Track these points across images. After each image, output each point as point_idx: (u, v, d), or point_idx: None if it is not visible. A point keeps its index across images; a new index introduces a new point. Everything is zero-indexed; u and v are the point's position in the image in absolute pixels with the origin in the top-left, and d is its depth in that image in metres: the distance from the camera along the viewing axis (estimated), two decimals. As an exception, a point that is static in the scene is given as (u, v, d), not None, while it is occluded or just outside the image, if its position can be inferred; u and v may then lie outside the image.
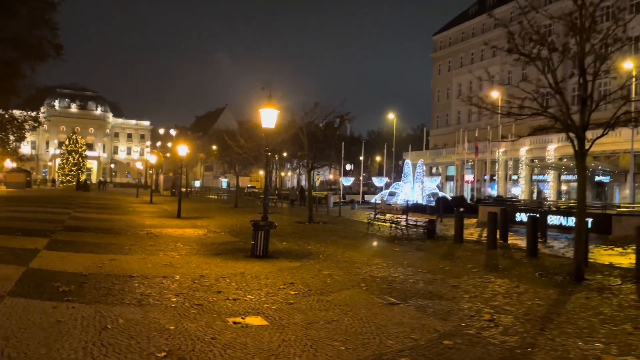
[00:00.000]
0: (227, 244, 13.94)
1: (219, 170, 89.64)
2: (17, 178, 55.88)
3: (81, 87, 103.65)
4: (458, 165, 55.32)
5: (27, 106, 45.10)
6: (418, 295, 8.00)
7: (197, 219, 22.54)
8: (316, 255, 12.18)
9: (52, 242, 12.43)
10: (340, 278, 9.22)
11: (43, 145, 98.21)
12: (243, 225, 19.82)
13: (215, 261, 10.64)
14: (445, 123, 69.28)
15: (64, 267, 9.02)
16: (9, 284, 7.30)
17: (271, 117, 12.34)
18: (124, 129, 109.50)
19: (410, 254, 12.95)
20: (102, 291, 7.27)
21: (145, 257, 10.75)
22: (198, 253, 11.87)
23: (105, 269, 9.09)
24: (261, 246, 11.55)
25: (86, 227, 16.51)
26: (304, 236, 16.42)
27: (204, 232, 16.98)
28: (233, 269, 9.68)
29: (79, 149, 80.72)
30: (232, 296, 7.35)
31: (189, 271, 9.32)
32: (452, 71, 67.82)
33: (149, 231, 16.34)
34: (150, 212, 26.05)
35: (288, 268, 10.10)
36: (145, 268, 9.44)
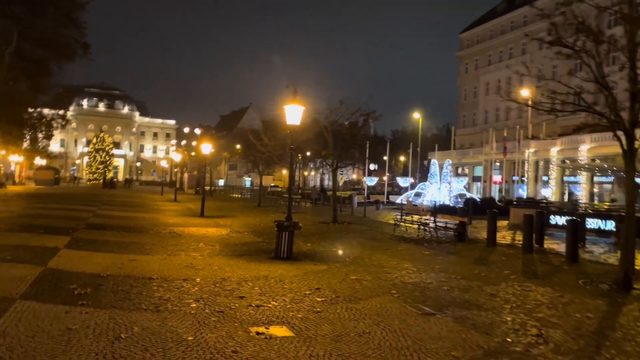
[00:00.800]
0: (250, 244, 13.53)
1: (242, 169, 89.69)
2: (45, 175, 56.87)
3: (109, 87, 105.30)
4: (485, 165, 54.08)
5: (56, 105, 45.85)
6: (454, 304, 7.41)
7: (221, 217, 22.26)
8: (342, 257, 11.66)
9: (73, 240, 12.21)
10: (369, 284, 8.69)
11: (72, 143, 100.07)
12: (266, 225, 19.44)
13: (237, 263, 10.22)
14: (472, 122, 67.91)
15: (83, 268, 8.71)
16: (22, 285, 6.99)
17: (296, 114, 11.87)
18: (150, 128, 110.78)
19: (441, 258, 12.31)
20: (119, 295, 6.89)
21: (166, 258, 10.40)
22: (220, 254, 11.48)
23: (124, 270, 8.74)
24: (285, 248, 11.10)
25: (109, 225, 16.32)
26: (328, 237, 15.92)
27: (227, 231, 16.64)
28: (256, 272, 9.23)
29: (106, 147, 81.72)
30: (255, 302, 6.89)
31: (210, 273, 8.91)
32: (480, 69, 66.42)
33: (172, 230, 16.07)
34: (174, 211, 25.92)
35: (313, 271, 9.61)
36: (165, 269, 9.06)
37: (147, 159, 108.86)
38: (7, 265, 8.48)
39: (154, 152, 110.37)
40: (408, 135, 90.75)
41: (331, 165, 22.59)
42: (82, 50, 38.76)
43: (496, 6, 67.54)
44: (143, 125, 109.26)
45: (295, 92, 11.86)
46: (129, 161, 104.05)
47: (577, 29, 9.41)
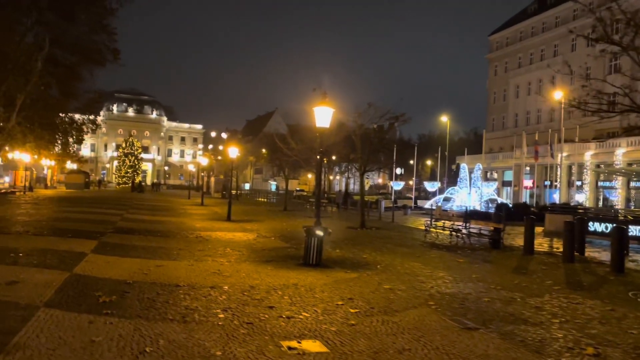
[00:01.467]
0: (277, 250, 13.22)
1: (268, 173, 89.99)
2: (76, 179, 57.98)
3: (138, 92, 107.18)
4: (516, 170, 52.80)
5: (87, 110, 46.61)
6: (498, 318, 6.92)
7: (247, 222, 22.06)
8: (373, 265, 11.24)
9: (100, 244, 12.10)
10: (404, 294, 8.24)
11: (102, 147, 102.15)
12: (293, 229, 19.14)
13: (266, 270, 9.90)
14: (501, 126, 66.54)
15: (109, 274, 8.51)
16: (47, 292, 6.80)
17: (326, 116, 11.51)
18: (178, 132, 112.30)
19: (477, 267, 11.76)
20: (144, 303, 6.63)
21: (193, 264, 10.15)
22: (248, 260, 11.18)
23: (150, 277, 8.51)
24: (314, 254, 10.74)
25: (137, 229, 16.25)
26: (357, 243, 15.50)
27: (253, 236, 16.38)
28: (285, 280, 8.89)
29: (134, 152, 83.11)
30: (285, 313, 6.53)
31: (238, 281, 8.61)
32: (509, 72, 65.07)
33: (199, 234, 15.90)
34: (201, 215, 25.87)
35: (344, 280, 9.22)
36: (192, 276, 8.80)
37: (174, 163, 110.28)
38: (34, 270, 8.35)
39: (181, 157, 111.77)
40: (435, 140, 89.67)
41: (359, 170, 22.16)
42: (112, 56, 39.19)
43: (526, 7, 66.15)
44: (171, 129, 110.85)
45: (325, 94, 11.51)
46: (157, 165, 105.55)
47: (627, 23, 8.82)
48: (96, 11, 35.82)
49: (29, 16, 33.45)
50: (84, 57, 38.15)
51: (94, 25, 36.69)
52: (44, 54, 33.06)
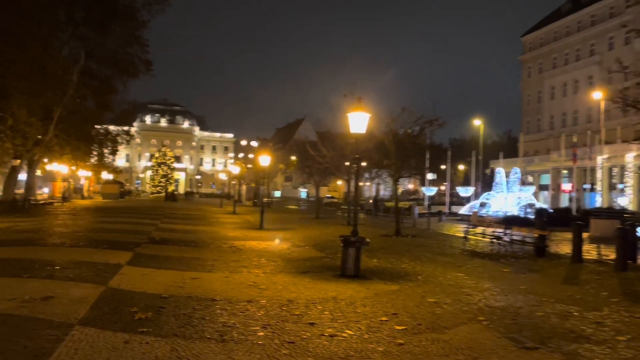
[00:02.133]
0: (313, 260, 12.88)
1: (298, 180, 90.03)
2: (111, 189, 59.11)
3: (170, 102, 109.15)
4: (553, 173, 51.23)
5: (121, 121, 47.57)
6: (556, 335, 6.38)
7: (280, 230, 21.81)
8: (414, 276, 10.77)
9: (135, 256, 12.01)
10: (451, 308, 7.77)
11: (136, 157, 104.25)
12: (327, 238, 18.79)
13: (302, 281, 9.56)
14: (536, 128, 64.77)
15: (144, 287, 8.33)
16: (82, 308, 6.62)
17: (361, 122, 11.16)
18: (209, 142, 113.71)
19: (524, 277, 11.15)
20: (181, 320, 6.37)
21: (228, 276, 9.91)
22: (283, 271, 10.88)
23: (186, 290, 8.29)
24: (352, 265, 10.35)
25: (171, 240, 16.19)
26: (394, 252, 15.02)
27: (287, 245, 16.10)
28: (324, 293, 8.53)
29: (167, 161, 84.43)
30: (327, 330, 6.17)
31: (275, 294, 8.30)
32: (544, 73, 63.37)
33: (232, 244, 15.72)
34: (234, 223, 25.79)
35: (385, 292, 8.80)
36: (228, 289, 8.54)
37: (206, 172, 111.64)
38: (69, 284, 8.23)
39: (212, 165, 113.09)
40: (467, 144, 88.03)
41: (392, 176, 21.68)
42: (145, 67, 39.99)
43: (560, 7, 64.40)
44: (202, 139, 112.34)
45: (360, 99, 11.17)
46: (189, 174, 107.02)
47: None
48: (129, 24, 36.54)
49: (65, 31, 34.35)
50: (118, 69, 38.97)
51: (127, 38, 37.46)
52: (79, 67, 33.90)
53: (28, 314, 6.21)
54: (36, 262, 10.44)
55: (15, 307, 6.54)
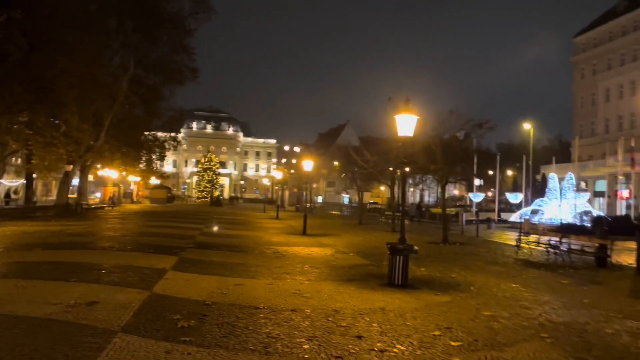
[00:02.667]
0: (358, 267, 12.50)
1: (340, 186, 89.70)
2: (159, 194, 60.63)
3: (215, 109, 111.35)
4: (610, 179, 48.71)
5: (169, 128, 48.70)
6: (630, 356, 5.77)
7: (323, 236, 21.53)
8: (465, 286, 10.20)
9: (180, 261, 11.99)
10: (509, 322, 7.22)
11: (182, 163, 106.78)
12: (371, 244, 18.38)
13: (348, 290, 9.21)
14: (590, 132, 61.90)
15: (188, 293, 8.19)
16: (126, 314, 6.51)
17: (409, 124, 10.72)
18: (253, 147, 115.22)
19: (585, 289, 10.38)
20: (224, 329, 6.15)
21: (272, 283, 9.67)
22: (328, 278, 10.55)
23: (229, 297, 8.09)
24: (399, 274, 9.91)
25: (215, 244, 16.18)
26: (443, 260, 14.43)
27: (331, 252, 15.77)
28: (371, 303, 8.15)
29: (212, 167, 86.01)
30: (377, 344, 5.79)
31: (320, 303, 7.98)
32: (598, 75, 60.54)
33: (276, 250, 15.54)
34: (277, 228, 25.72)
35: (436, 304, 8.32)
36: (272, 297, 8.30)
37: (250, 177, 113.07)
38: (114, 289, 8.20)
39: (256, 171, 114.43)
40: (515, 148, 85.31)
41: (440, 181, 21.02)
42: (192, 75, 40.77)
43: (615, 6, 61.47)
44: (246, 145, 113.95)
45: (408, 101, 10.74)
46: (234, 180, 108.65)
47: None
48: (176, 32, 37.39)
49: (116, 40, 35.46)
50: (165, 77, 39.90)
51: (174, 46, 38.33)
52: (129, 75, 34.90)
53: (72, 320, 6.15)
54: (84, 265, 10.55)
55: (60, 311, 6.51)
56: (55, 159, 28.34)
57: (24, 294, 7.57)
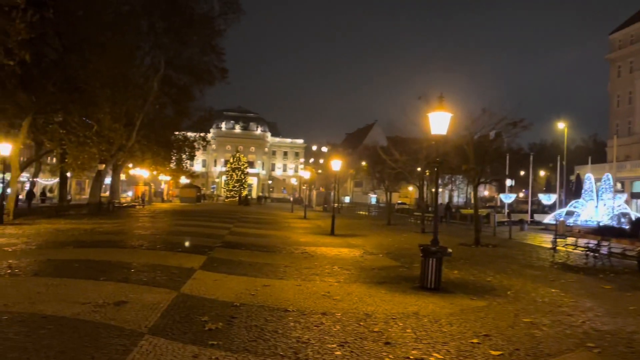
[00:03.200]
0: (388, 269, 12.19)
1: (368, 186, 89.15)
2: (189, 193, 61.37)
3: (243, 110, 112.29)
4: (649, 180, 46.92)
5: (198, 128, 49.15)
6: (689, 371, 5.33)
7: (351, 236, 21.27)
8: (501, 290, 9.79)
9: (208, 260, 11.93)
10: (551, 330, 6.83)
11: (212, 163, 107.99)
12: (400, 245, 18.03)
13: (379, 293, 8.93)
14: (627, 131, 59.75)
15: (216, 294, 8.07)
16: (153, 315, 6.41)
17: (442, 122, 10.37)
18: (281, 147, 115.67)
19: (630, 295, 9.83)
20: (252, 332, 5.97)
21: (300, 284, 9.48)
22: (358, 280, 10.29)
23: (258, 298, 7.93)
24: (432, 277, 9.59)
25: (243, 244, 16.11)
26: (475, 263, 13.99)
27: (360, 252, 15.50)
28: (403, 307, 7.86)
29: (241, 167, 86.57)
30: (412, 352, 5.52)
31: (350, 306, 7.74)
32: (635, 72, 58.39)
33: (304, 250, 15.36)
34: (304, 228, 25.56)
35: (472, 309, 7.97)
36: (301, 299, 8.10)
37: (277, 177, 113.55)
38: (143, 288, 8.14)
39: (284, 171, 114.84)
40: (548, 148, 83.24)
41: (472, 182, 20.48)
42: (221, 75, 41.01)
43: (654, 0, 59.20)
44: (274, 145, 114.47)
45: (442, 98, 10.39)
46: (262, 179, 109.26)
47: None
48: (206, 33, 37.66)
49: (147, 41, 35.95)
50: (195, 77, 40.24)
51: (204, 47, 38.61)
52: (159, 76, 35.30)
53: (100, 320, 6.08)
54: (114, 264, 10.58)
55: (88, 311, 6.45)
56: (88, 158, 28.85)
57: (54, 292, 7.57)
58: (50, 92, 23.76)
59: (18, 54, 12.39)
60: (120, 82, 28.40)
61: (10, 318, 5.99)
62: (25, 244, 13.77)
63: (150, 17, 35.16)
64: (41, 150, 33.31)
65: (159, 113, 41.07)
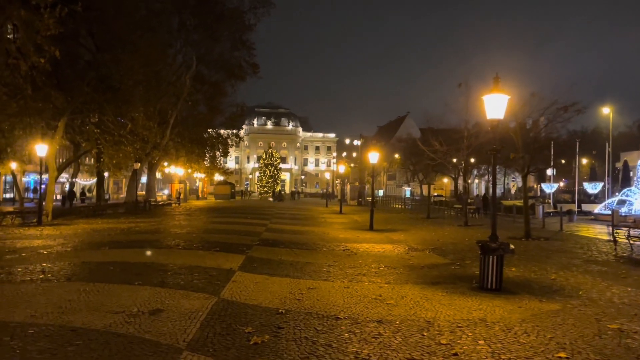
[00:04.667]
0: (438, 267, 11.31)
1: (402, 178, 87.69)
2: (223, 190, 61.53)
3: (275, 105, 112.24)
4: None
5: (230, 124, 49.06)
6: None
7: (391, 231, 20.40)
8: (571, 290, 8.80)
9: (247, 260, 11.32)
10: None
11: (244, 159, 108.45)
12: (445, 240, 17.07)
13: (435, 295, 8.10)
14: (679, 115, 56.48)
15: (258, 299, 7.41)
16: (192, 326, 5.77)
17: (499, 105, 9.41)
18: (312, 142, 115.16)
19: None
20: (303, 347, 5.26)
21: (348, 286, 8.72)
22: (409, 281, 9.46)
23: (304, 303, 7.23)
24: (493, 276, 8.68)
25: (281, 242, 15.49)
26: (532, 258, 12.94)
27: (404, 249, 14.63)
28: (467, 312, 7.01)
29: (274, 162, 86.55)
30: (492, 371, 4.69)
31: (408, 312, 6.94)
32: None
33: (345, 247, 14.61)
34: (342, 224, 24.83)
35: (545, 313, 7.04)
36: (351, 303, 7.35)
37: (310, 171, 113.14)
38: (180, 293, 7.55)
39: (316, 165, 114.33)
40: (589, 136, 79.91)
41: (520, 171, 19.28)
42: (252, 70, 40.67)
43: None
44: (306, 139, 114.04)
45: (497, 79, 9.42)
46: (294, 174, 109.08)
47: None
48: (236, 27, 37.31)
49: (178, 38, 35.83)
50: (227, 73, 40.02)
51: (235, 42, 38.30)
52: (192, 73, 35.14)
53: (133, 333, 5.48)
54: (149, 266, 10.09)
55: (121, 322, 5.87)
56: (123, 156, 28.88)
57: (86, 300, 7.05)
58: (85, 92, 23.74)
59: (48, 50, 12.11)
60: (153, 80, 28.27)
61: (36, 332, 5.46)
62: (61, 246, 13.50)
63: (181, 13, 35.03)
64: (79, 151, 33.65)
65: (192, 110, 41.07)
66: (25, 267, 9.78)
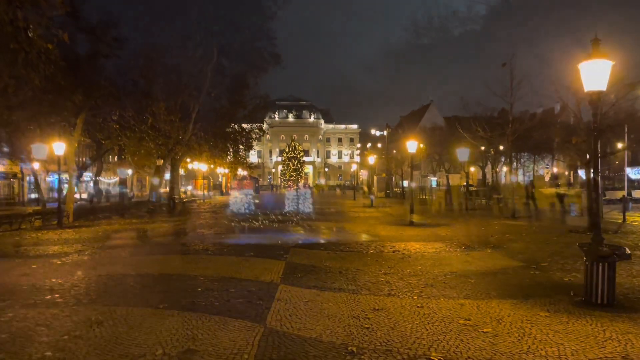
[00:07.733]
0: (514, 273, 9.49)
1: (427, 168, 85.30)
2: (247, 185, 60.32)
3: (296, 98, 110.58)
4: None
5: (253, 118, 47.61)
6: None
7: (434, 226, 18.56)
8: None
9: (288, 267, 9.72)
10: None
11: (267, 153, 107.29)
12: (500, 236, 15.25)
13: (538, 317, 6.32)
14: None
15: (315, 328, 5.76)
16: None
17: (601, 74, 7.55)
18: (335, 134, 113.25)
19: None
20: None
21: (422, 305, 7.00)
22: (490, 294, 7.70)
23: (377, 335, 5.56)
24: (604, 289, 6.89)
25: (320, 243, 13.87)
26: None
27: (459, 248, 12.82)
28: (595, 344, 5.25)
29: (297, 155, 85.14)
30: None
31: (518, 347, 5.20)
32: None
33: (393, 247, 12.88)
34: (376, 218, 23.09)
35: (702, 344, 5.24)
36: (437, 332, 5.66)
37: (333, 164, 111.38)
38: (215, 321, 5.97)
39: (339, 157, 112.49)
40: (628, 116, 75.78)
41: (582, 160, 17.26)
42: (274, 61, 39.04)
43: None
44: (328, 131, 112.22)
45: (597, 42, 7.55)
46: (317, 167, 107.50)
47: None
48: (257, 17, 35.75)
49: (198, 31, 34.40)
50: (249, 64, 38.47)
51: (255, 32, 36.73)
52: (212, 65, 33.64)
53: (158, 398, 3.89)
54: (176, 279, 8.57)
55: (141, 378, 4.30)
56: (145, 153, 27.65)
57: (96, 336, 5.50)
58: (103, 86, 22.51)
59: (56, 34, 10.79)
60: (173, 72, 26.93)
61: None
62: (77, 253, 12.10)
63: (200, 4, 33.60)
64: (102, 149, 32.65)
65: (214, 104, 39.67)
66: (32, 285, 8.32)
